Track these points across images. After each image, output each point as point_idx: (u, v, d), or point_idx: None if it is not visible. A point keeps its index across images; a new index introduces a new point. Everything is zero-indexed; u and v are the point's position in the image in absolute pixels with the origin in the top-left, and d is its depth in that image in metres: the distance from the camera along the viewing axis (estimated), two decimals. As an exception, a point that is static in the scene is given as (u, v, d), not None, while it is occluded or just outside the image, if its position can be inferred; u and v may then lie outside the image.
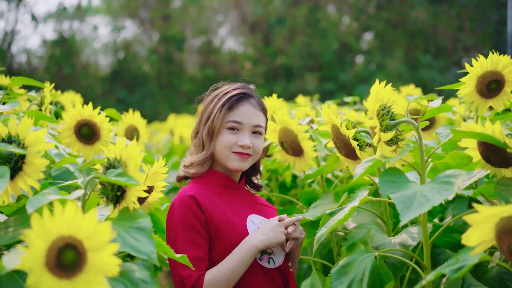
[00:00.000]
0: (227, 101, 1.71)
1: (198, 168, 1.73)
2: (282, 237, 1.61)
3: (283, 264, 1.68)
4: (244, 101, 1.73)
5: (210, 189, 1.72)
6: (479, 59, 1.65)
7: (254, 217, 1.71)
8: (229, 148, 1.69)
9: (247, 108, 1.72)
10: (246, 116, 1.71)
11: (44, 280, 0.93)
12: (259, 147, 1.73)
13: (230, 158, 1.70)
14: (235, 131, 1.70)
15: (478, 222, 1.07)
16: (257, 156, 1.74)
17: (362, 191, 1.50)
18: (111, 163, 1.31)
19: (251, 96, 1.75)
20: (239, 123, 1.70)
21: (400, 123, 1.38)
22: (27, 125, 1.30)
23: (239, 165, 1.70)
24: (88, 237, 0.96)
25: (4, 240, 1.22)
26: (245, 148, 1.69)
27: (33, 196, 1.21)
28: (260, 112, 1.75)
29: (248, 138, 1.70)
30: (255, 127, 1.72)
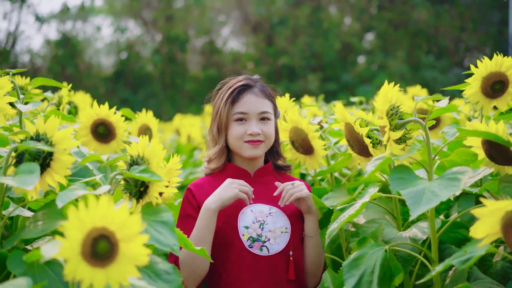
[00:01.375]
0: (230, 95, 1.81)
1: (216, 162, 1.84)
2: (232, 192, 1.66)
3: (282, 252, 1.72)
4: (246, 92, 1.81)
5: (218, 180, 1.80)
6: (483, 60, 1.71)
7: (256, 206, 1.77)
8: (240, 139, 1.78)
9: (249, 97, 1.80)
10: (250, 105, 1.79)
11: (80, 268, 0.99)
12: (269, 132, 1.80)
13: (243, 147, 1.78)
14: (243, 121, 1.79)
15: (484, 215, 1.13)
16: (269, 141, 1.81)
17: (372, 187, 1.56)
18: (134, 160, 1.38)
19: (253, 86, 1.83)
20: (245, 113, 1.78)
21: (409, 122, 1.45)
22: (54, 124, 1.36)
23: (252, 152, 1.78)
24: (120, 228, 1.03)
25: (35, 233, 1.28)
26: (254, 136, 1.77)
27: (62, 192, 1.28)
28: (264, 99, 1.81)
29: (256, 125, 1.77)
30: (261, 114, 1.79)
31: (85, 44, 18.60)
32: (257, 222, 1.74)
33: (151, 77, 17.17)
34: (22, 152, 1.35)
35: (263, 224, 1.74)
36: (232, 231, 1.72)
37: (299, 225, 1.79)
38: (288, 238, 1.74)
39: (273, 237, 1.72)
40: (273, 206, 1.78)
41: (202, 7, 18.20)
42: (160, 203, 1.35)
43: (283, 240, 1.73)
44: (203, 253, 1.45)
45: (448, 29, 15.82)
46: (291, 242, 1.74)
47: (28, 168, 1.28)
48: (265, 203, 1.78)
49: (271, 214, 1.76)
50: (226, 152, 1.84)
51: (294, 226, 1.77)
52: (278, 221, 1.75)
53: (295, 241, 1.76)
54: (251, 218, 1.74)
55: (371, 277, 1.39)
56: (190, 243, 1.40)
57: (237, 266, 1.71)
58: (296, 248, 1.76)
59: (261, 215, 1.75)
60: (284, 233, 1.74)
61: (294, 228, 1.76)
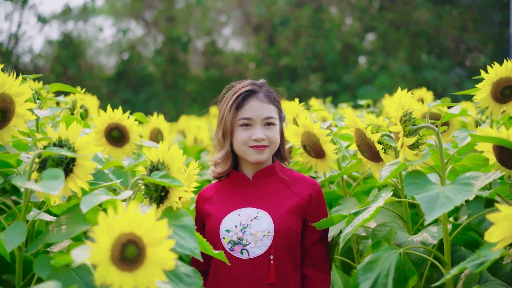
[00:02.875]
0: (234, 101, 1.84)
1: (222, 166, 1.88)
2: None
3: (263, 255, 1.73)
4: (250, 98, 1.84)
5: (224, 188, 1.88)
6: (494, 66, 1.74)
7: (245, 210, 1.80)
8: (245, 144, 1.81)
9: (254, 103, 1.83)
10: (254, 111, 1.82)
11: (110, 273, 1.03)
12: (274, 136, 1.82)
13: (248, 152, 1.82)
14: (248, 127, 1.82)
15: (499, 220, 1.16)
16: (274, 145, 1.84)
17: (385, 192, 1.59)
18: (154, 165, 1.41)
19: (257, 92, 1.85)
20: (249, 119, 1.82)
21: (422, 128, 1.48)
22: (77, 130, 1.40)
23: (257, 157, 1.81)
24: (147, 233, 1.06)
25: (59, 237, 1.32)
26: (259, 141, 1.80)
27: (85, 197, 1.31)
28: (268, 104, 1.84)
29: (261, 131, 1.80)
30: (265, 119, 1.82)
31: (87, 44, 18.63)
32: (240, 225, 1.77)
33: (153, 77, 17.21)
34: (45, 158, 1.38)
35: (246, 228, 1.76)
36: (215, 234, 1.78)
37: (288, 228, 1.77)
38: (270, 242, 1.74)
39: (254, 241, 1.74)
40: (263, 209, 1.79)
41: (204, 8, 18.23)
42: (180, 208, 1.39)
43: (265, 243, 1.74)
44: (222, 257, 1.49)
45: (449, 29, 15.84)
46: (272, 246, 1.74)
47: (53, 173, 1.31)
48: (255, 207, 1.80)
49: (257, 218, 1.77)
50: (232, 157, 1.88)
51: (280, 229, 1.75)
52: (262, 225, 1.75)
53: (278, 244, 1.75)
54: (235, 221, 1.78)
55: (386, 280, 1.42)
56: (210, 247, 1.43)
57: (219, 268, 1.76)
58: (279, 250, 1.75)
59: (246, 219, 1.77)
60: (266, 237, 1.74)
61: (280, 231, 1.75)
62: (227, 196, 1.86)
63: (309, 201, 1.82)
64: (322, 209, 1.86)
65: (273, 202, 1.82)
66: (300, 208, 1.81)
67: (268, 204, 1.81)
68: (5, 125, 1.52)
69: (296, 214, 1.80)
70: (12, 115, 1.52)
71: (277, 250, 1.75)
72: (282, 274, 1.75)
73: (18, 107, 1.52)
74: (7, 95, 1.49)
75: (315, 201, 1.83)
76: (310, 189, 1.84)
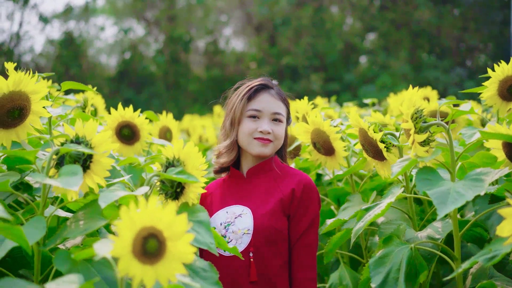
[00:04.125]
0: (247, 92, 1.86)
1: (226, 156, 1.86)
2: None
3: (243, 253, 1.71)
4: (263, 91, 1.85)
5: (224, 185, 1.89)
6: (501, 64, 1.76)
7: (232, 207, 1.80)
8: (250, 135, 1.81)
9: (266, 97, 1.84)
10: (264, 104, 1.83)
11: (132, 266, 1.05)
12: (279, 133, 1.83)
13: (252, 144, 1.81)
14: (255, 118, 1.82)
15: (511, 215, 1.19)
16: (278, 142, 1.83)
17: (396, 188, 1.62)
18: (170, 162, 1.44)
19: (270, 88, 1.87)
20: (258, 111, 1.82)
21: (432, 125, 1.50)
22: (93, 127, 1.42)
23: (260, 150, 1.81)
24: (168, 227, 1.08)
25: (77, 233, 1.34)
26: (264, 134, 1.80)
27: (103, 193, 1.34)
28: (279, 101, 1.85)
29: (268, 124, 1.81)
30: (274, 115, 1.83)
31: (88, 44, 18.67)
32: (225, 223, 1.77)
33: (154, 77, 17.24)
34: (62, 155, 1.40)
35: (229, 225, 1.76)
36: None
37: (267, 225, 1.73)
38: (249, 240, 1.72)
39: (235, 238, 1.73)
40: (247, 207, 1.78)
41: (205, 7, 18.26)
42: (196, 204, 1.41)
43: (244, 241, 1.72)
44: (235, 252, 1.51)
45: (450, 29, 15.87)
46: (251, 243, 1.71)
47: (71, 170, 1.33)
48: (242, 204, 1.79)
49: (240, 216, 1.76)
50: (237, 149, 1.86)
51: (259, 227, 1.73)
52: (244, 223, 1.74)
53: (258, 242, 1.72)
54: (222, 219, 1.78)
55: (397, 274, 1.45)
56: (224, 242, 1.46)
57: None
58: (260, 248, 1.72)
59: (231, 217, 1.77)
60: (246, 235, 1.72)
61: (258, 229, 1.73)
62: (222, 193, 1.86)
63: (292, 197, 1.77)
64: (307, 205, 1.77)
65: (259, 199, 1.79)
66: (282, 204, 1.76)
67: (254, 201, 1.79)
68: (21, 123, 1.54)
69: (278, 211, 1.76)
70: (28, 113, 1.54)
71: (257, 247, 1.72)
72: (265, 272, 1.72)
73: (34, 104, 1.54)
74: (23, 92, 1.51)
75: (298, 197, 1.76)
76: (294, 184, 1.78)
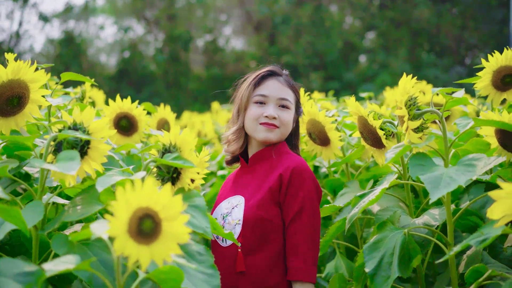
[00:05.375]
0: (254, 78, 1.86)
1: (235, 144, 1.86)
2: None
3: (233, 244, 1.71)
4: (270, 78, 1.85)
5: (234, 172, 1.91)
6: (494, 54, 1.78)
7: (233, 198, 1.80)
8: (256, 120, 1.80)
9: (273, 83, 1.83)
10: (271, 89, 1.81)
11: (127, 245, 1.07)
12: (286, 119, 1.79)
13: (258, 129, 1.80)
14: (262, 104, 1.81)
15: (501, 197, 1.20)
16: (285, 128, 1.80)
17: (390, 175, 1.64)
18: (166, 148, 1.46)
19: (278, 75, 1.86)
20: (265, 96, 1.81)
21: (426, 112, 1.52)
22: (91, 114, 1.44)
23: (265, 135, 1.78)
24: (163, 208, 1.10)
25: (74, 217, 1.36)
26: (270, 119, 1.77)
27: (100, 177, 1.35)
28: (287, 87, 1.84)
29: (274, 109, 1.79)
30: (280, 100, 1.80)
31: (88, 43, 18.69)
32: (224, 214, 1.78)
33: (154, 76, 17.26)
34: (60, 141, 1.42)
35: (227, 216, 1.76)
36: None
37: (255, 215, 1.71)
38: (240, 230, 1.71)
39: (229, 229, 1.72)
40: (243, 196, 1.77)
41: (205, 6, 18.29)
42: (192, 189, 1.43)
43: (236, 232, 1.71)
44: (231, 237, 1.53)
45: (450, 27, 15.89)
46: (241, 234, 1.70)
47: (68, 155, 1.35)
48: (240, 194, 1.79)
49: (237, 206, 1.76)
50: (244, 136, 1.85)
51: (248, 217, 1.71)
52: (238, 213, 1.73)
53: (247, 233, 1.70)
54: (222, 210, 1.79)
55: (391, 259, 1.47)
56: (220, 227, 1.48)
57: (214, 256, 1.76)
58: (249, 239, 1.70)
59: (229, 207, 1.78)
60: (238, 225, 1.72)
61: (247, 219, 1.71)
62: (230, 183, 1.88)
63: (280, 183, 1.72)
64: (297, 189, 1.71)
65: (253, 188, 1.77)
66: (271, 192, 1.72)
67: (249, 190, 1.78)
68: (20, 111, 1.56)
69: (267, 200, 1.72)
70: (27, 101, 1.56)
71: (246, 238, 1.70)
72: (255, 263, 1.70)
73: (33, 93, 1.56)
74: (22, 81, 1.53)
75: (286, 183, 1.71)
76: (282, 170, 1.73)
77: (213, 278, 1.33)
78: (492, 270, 1.35)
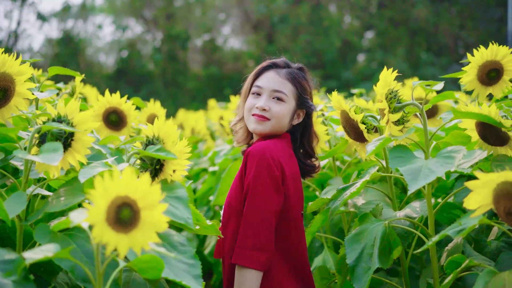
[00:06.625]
0: (256, 70, 1.87)
1: (239, 134, 1.90)
2: None
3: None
4: (270, 69, 1.84)
5: None
6: (480, 49, 1.79)
7: None
8: (249, 111, 1.80)
9: (270, 75, 1.82)
10: (266, 81, 1.80)
11: (106, 233, 1.08)
12: (278, 112, 1.76)
13: (249, 120, 1.81)
14: (258, 95, 1.81)
15: (477, 187, 1.22)
16: (277, 121, 1.77)
17: (372, 168, 1.66)
18: (149, 140, 1.47)
19: (280, 67, 1.85)
20: (260, 87, 1.80)
21: (407, 105, 1.54)
22: (75, 106, 1.45)
23: (255, 126, 1.78)
24: (142, 197, 1.12)
25: (58, 208, 1.37)
26: (260, 110, 1.77)
27: (83, 169, 1.37)
28: (285, 80, 1.80)
29: (265, 101, 1.77)
30: (274, 92, 1.78)
31: (87, 42, 18.71)
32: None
33: (152, 75, 17.27)
34: (44, 133, 1.44)
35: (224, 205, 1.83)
36: None
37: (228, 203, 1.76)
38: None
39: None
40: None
41: (203, 6, 18.30)
42: (175, 180, 1.45)
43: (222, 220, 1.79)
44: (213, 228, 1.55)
45: (448, 27, 15.91)
46: (222, 221, 1.77)
47: (52, 147, 1.37)
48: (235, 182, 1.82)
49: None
50: (246, 126, 1.86)
51: (225, 205, 1.78)
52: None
53: (224, 220, 1.76)
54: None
55: (371, 250, 1.48)
56: (203, 218, 1.49)
57: None
58: (225, 226, 1.74)
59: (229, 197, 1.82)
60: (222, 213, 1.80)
61: (224, 207, 1.78)
62: None
63: (243, 170, 1.73)
64: (248, 174, 1.70)
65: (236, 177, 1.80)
66: (240, 180, 1.74)
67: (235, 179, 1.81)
68: (6, 104, 1.57)
69: (238, 186, 1.74)
70: (13, 94, 1.58)
71: (224, 225, 1.75)
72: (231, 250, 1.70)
73: (19, 86, 1.58)
74: (8, 74, 1.54)
75: (243, 168, 1.73)
76: (244, 157, 1.74)
77: (195, 268, 1.34)
78: (470, 260, 1.36)
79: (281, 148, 1.77)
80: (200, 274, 1.33)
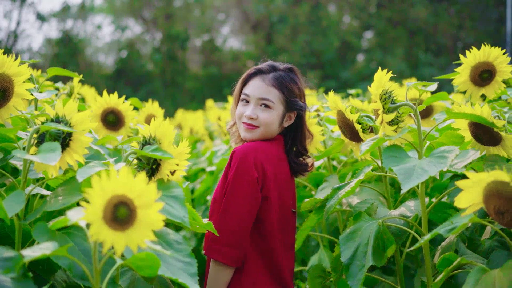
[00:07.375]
0: (243, 77, 1.91)
1: (236, 135, 1.95)
2: None
3: None
4: (256, 77, 1.87)
5: None
6: (472, 50, 1.82)
7: None
8: (239, 119, 1.86)
9: (256, 82, 1.85)
10: (253, 89, 1.84)
11: (102, 231, 1.10)
12: (266, 119, 1.81)
13: (240, 127, 1.87)
14: (246, 103, 1.86)
15: (468, 186, 1.25)
16: (266, 128, 1.81)
17: (366, 167, 1.68)
18: (146, 140, 1.49)
19: (265, 73, 1.86)
20: (247, 96, 1.85)
21: (401, 106, 1.56)
22: (73, 107, 1.47)
23: (245, 134, 1.84)
24: (138, 196, 1.14)
25: (56, 207, 1.39)
26: (248, 119, 1.82)
27: (81, 168, 1.39)
28: (270, 87, 1.83)
29: (253, 109, 1.82)
30: (260, 100, 1.82)
31: (86, 43, 18.72)
32: None
33: (151, 75, 17.30)
34: (43, 133, 1.46)
35: None
36: None
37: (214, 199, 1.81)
38: None
39: None
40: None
41: (202, 6, 18.33)
42: (171, 180, 1.47)
43: None
44: (210, 227, 1.57)
45: (446, 27, 15.94)
46: (209, 215, 1.82)
47: (50, 147, 1.39)
48: None
49: None
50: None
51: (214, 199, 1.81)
52: None
53: (210, 212, 1.81)
54: None
55: (366, 248, 1.50)
56: (199, 217, 1.51)
57: None
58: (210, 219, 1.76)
59: None
60: None
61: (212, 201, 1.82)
62: None
63: (228, 168, 1.79)
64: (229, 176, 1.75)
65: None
66: (225, 176, 1.79)
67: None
68: (4, 104, 1.59)
69: (222, 183, 1.80)
70: (12, 95, 1.59)
71: (209, 219, 1.78)
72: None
73: (17, 86, 1.60)
74: (6, 75, 1.56)
75: (228, 166, 1.78)
76: (230, 155, 1.80)
77: (191, 266, 1.36)
78: (462, 258, 1.38)
79: (269, 150, 1.81)
80: (196, 272, 1.35)
